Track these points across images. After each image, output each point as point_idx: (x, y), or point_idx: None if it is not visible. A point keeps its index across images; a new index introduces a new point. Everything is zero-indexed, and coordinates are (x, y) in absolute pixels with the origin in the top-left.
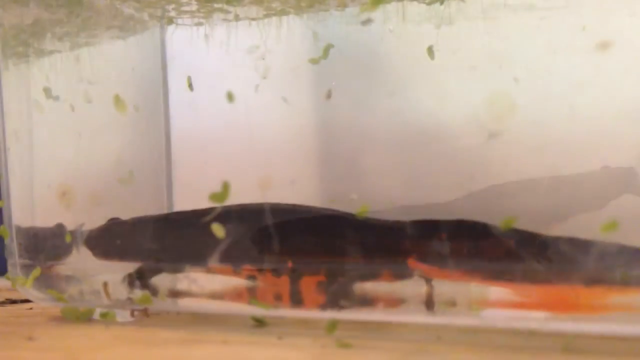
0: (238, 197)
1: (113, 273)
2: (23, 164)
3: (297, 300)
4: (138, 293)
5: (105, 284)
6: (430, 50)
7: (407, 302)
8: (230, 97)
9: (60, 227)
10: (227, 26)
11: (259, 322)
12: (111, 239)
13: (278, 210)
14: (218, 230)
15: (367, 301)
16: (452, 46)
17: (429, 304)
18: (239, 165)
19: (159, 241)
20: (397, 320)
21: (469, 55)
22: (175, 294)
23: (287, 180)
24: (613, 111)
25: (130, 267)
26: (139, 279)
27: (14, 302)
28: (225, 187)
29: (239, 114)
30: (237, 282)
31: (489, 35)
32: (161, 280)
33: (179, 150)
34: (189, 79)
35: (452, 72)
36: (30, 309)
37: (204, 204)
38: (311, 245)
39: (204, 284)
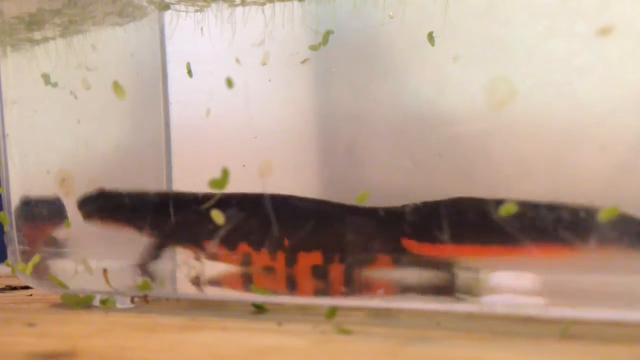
0: (238, 184)
1: (113, 259)
2: (22, 150)
3: (293, 287)
4: (138, 280)
5: (105, 271)
6: (431, 36)
7: (408, 288)
8: (229, 83)
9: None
10: (227, 12)
11: (259, 309)
12: (101, 203)
13: (274, 200)
14: (217, 216)
15: (367, 287)
16: (452, 31)
17: (428, 291)
18: (238, 151)
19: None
20: (397, 307)
21: (470, 40)
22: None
23: (286, 168)
24: (613, 97)
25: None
26: (139, 265)
27: (14, 288)
28: (225, 173)
29: (239, 100)
30: (233, 267)
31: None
32: (161, 266)
33: (178, 137)
34: (188, 65)
35: (452, 58)
36: (30, 295)
37: (203, 190)
38: (309, 234)
39: (203, 270)
